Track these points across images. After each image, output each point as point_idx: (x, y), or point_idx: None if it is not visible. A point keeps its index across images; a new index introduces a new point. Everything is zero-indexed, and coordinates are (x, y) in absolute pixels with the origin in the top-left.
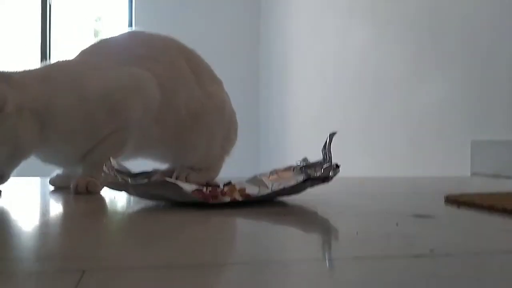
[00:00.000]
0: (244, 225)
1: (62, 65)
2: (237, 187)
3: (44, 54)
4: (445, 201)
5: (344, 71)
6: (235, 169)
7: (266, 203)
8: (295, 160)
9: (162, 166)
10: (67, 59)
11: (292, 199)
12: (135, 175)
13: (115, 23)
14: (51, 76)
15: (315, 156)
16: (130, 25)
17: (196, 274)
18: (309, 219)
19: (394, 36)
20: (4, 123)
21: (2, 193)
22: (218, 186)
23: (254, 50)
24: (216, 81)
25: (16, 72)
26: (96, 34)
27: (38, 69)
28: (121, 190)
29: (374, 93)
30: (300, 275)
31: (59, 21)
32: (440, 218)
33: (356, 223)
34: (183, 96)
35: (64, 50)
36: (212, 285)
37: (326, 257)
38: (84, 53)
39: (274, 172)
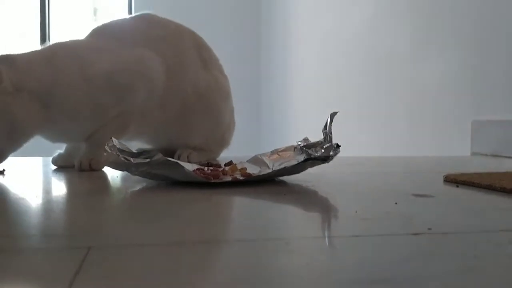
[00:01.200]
0: (246, 204)
1: (68, 46)
2: (238, 166)
3: (44, 33)
4: (444, 180)
5: (344, 49)
6: (236, 149)
7: (267, 182)
8: (296, 140)
9: (163, 146)
10: (74, 39)
11: (292, 178)
12: (137, 155)
13: (115, 1)
14: (56, 58)
15: (316, 135)
16: (130, 2)
17: (200, 251)
18: (309, 198)
19: (394, 13)
20: None
21: (5, 171)
22: (220, 166)
23: (255, 27)
24: (223, 74)
25: (22, 53)
26: (95, 12)
27: (44, 50)
28: (123, 170)
29: (374, 71)
30: (301, 252)
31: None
32: (439, 197)
33: (356, 202)
34: (190, 79)
35: (64, 29)
36: (215, 261)
37: (326, 235)
38: (95, 32)
39: (275, 152)
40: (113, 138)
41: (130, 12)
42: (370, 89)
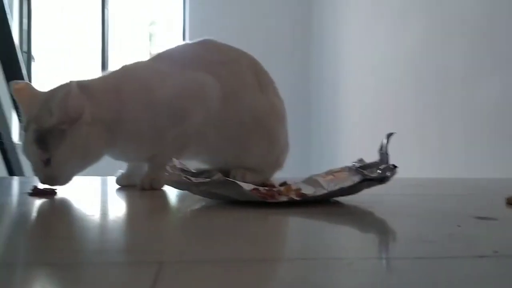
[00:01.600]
0: (303, 224)
1: (134, 72)
2: (293, 187)
3: (104, 58)
4: (506, 203)
5: (397, 71)
6: (286, 170)
7: (322, 203)
8: (347, 161)
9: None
10: (139, 62)
11: (348, 199)
12: (197, 174)
13: (169, 26)
14: (124, 85)
15: (368, 156)
16: (184, 28)
17: (264, 268)
18: (366, 219)
19: (449, 35)
20: (79, 132)
21: (57, 192)
22: (274, 186)
23: (306, 49)
24: (278, 97)
25: (93, 80)
26: (150, 37)
27: (112, 76)
28: (184, 189)
29: (428, 93)
30: (365, 272)
31: (116, 26)
32: (503, 220)
33: (415, 224)
34: (247, 103)
35: (121, 53)
36: (281, 279)
37: (388, 256)
38: (159, 56)
39: (330, 172)
40: (174, 158)
41: (184, 37)
42: (424, 110)
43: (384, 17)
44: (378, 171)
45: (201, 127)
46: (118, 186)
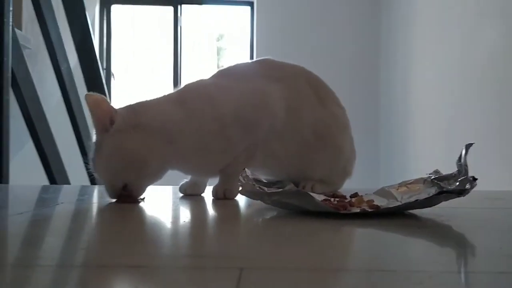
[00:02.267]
0: (377, 235)
1: (198, 88)
2: (365, 198)
3: (176, 74)
4: None
5: (472, 76)
6: (355, 182)
7: (396, 215)
8: (417, 172)
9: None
10: (201, 79)
11: (423, 212)
12: (269, 184)
13: (237, 40)
14: (185, 100)
15: (442, 167)
16: (252, 42)
17: (343, 278)
18: (443, 233)
19: None
20: (112, 137)
21: (145, 199)
22: (345, 197)
23: (374, 55)
24: (340, 107)
25: (152, 99)
26: (218, 52)
27: (175, 93)
28: (257, 199)
29: (508, 99)
30: (443, 286)
31: (186, 42)
32: None
33: (497, 238)
34: (306, 117)
35: (192, 69)
36: None
37: (467, 270)
38: (220, 73)
39: (403, 184)
40: (246, 169)
41: (252, 50)
42: (504, 117)
43: (458, 20)
44: (456, 183)
45: (268, 138)
46: (181, 195)
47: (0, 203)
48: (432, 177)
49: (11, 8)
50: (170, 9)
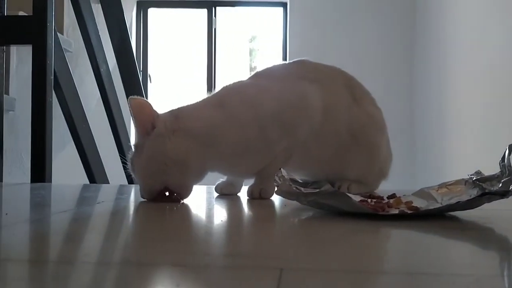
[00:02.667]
0: (418, 238)
1: (234, 89)
2: (403, 199)
3: (211, 76)
4: None
5: (508, 75)
6: (391, 183)
7: (436, 217)
8: (455, 173)
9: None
10: (237, 82)
11: (464, 214)
12: (306, 185)
13: (270, 41)
14: (225, 102)
15: (482, 168)
16: (284, 42)
17: (385, 281)
18: (486, 235)
19: None
20: (153, 141)
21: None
22: (382, 198)
23: (408, 56)
24: (377, 107)
25: (192, 103)
26: (251, 53)
27: (212, 96)
28: (293, 199)
29: None
30: None
31: (219, 43)
32: None
33: None
34: (343, 117)
35: (226, 70)
36: None
37: (510, 274)
38: (256, 75)
39: (443, 185)
40: (282, 169)
41: (284, 51)
42: None
43: (494, 19)
44: (499, 184)
45: (305, 138)
46: (216, 194)
47: (44, 201)
48: (474, 178)
49: (53, 14)
50: (204, 12)
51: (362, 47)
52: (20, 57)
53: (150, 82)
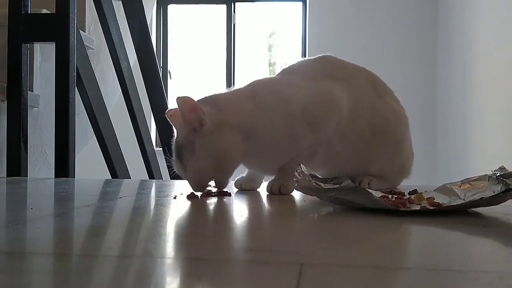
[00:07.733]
0: (440, 234)
1: (267, 84)
2: (425, 195)
3: (230, 71)
4: None
5: None
6: (413, 178)
7: (458, 213)
8: (476, 169)
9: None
10: (266, 78)
11: (487, 210)
12: (326, 180)
13: (289, 37)
14: (259, 96)
15: (506, 164)
16: (304, 38)
17: (407, 277)
18: (510, 232)
19: None
20: (203, 141)
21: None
22: (404, 194)
23: (431, 52)
24: (399, 105)
25: (225, 93)
26: (270, 48)
27: (245, 89)
28: (313, 195)
29: None
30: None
31: (239, 38)
32: None
33: None
34: (367, 113)
35: (245, 66)
36: None
37: None
38: (283, 71)
39: (466, 181)
40: (301, 164)
41: (304, 47)
42: None
43: None
44: None
45: (330, 136)
46: (236, 190)
47: (68, 196)
48: (498, 174)
49: (75, 12)
50: (224, 7)
51: (382, 42)
52: (44, 55)
53: (170, 78)
